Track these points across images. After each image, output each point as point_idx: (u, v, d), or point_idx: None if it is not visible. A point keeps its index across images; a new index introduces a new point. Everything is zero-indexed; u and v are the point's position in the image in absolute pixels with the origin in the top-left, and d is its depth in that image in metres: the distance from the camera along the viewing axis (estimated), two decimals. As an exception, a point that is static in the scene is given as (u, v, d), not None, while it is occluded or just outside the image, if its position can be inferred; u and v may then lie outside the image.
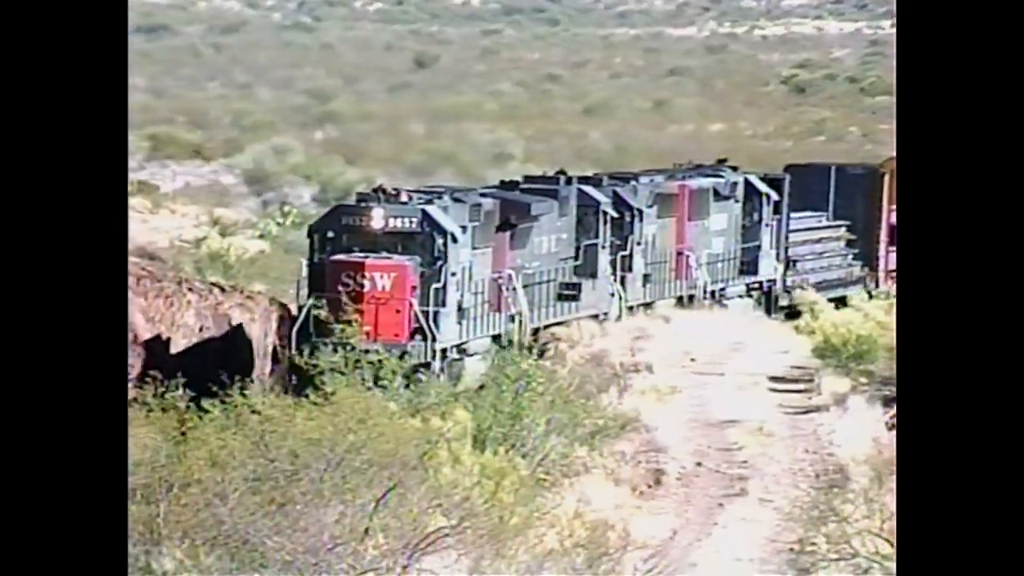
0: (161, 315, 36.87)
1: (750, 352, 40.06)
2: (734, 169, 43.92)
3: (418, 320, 27.87)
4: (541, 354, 35.97)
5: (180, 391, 26.22)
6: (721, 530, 27.00)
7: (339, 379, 29.16)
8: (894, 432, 32.15)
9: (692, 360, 39.06)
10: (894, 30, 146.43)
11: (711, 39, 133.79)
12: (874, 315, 42.22)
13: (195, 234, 55.66)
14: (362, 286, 28.71)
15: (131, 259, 37.29)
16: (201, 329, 36.68)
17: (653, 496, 29.16)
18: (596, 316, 35.70)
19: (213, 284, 38.94)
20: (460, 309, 28.94)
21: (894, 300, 47.45)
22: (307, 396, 26.57)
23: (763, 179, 43.31)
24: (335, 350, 29.12)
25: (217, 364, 32.50)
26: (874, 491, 26.48)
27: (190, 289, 37.79)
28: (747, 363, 39.04)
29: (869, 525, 23.94)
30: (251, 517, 16.75)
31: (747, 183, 42.25)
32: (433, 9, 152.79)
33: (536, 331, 38.68)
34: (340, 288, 29.07)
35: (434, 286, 28.68)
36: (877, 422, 33.74)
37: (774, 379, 37.85)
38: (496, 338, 32.54)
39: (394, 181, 45.89)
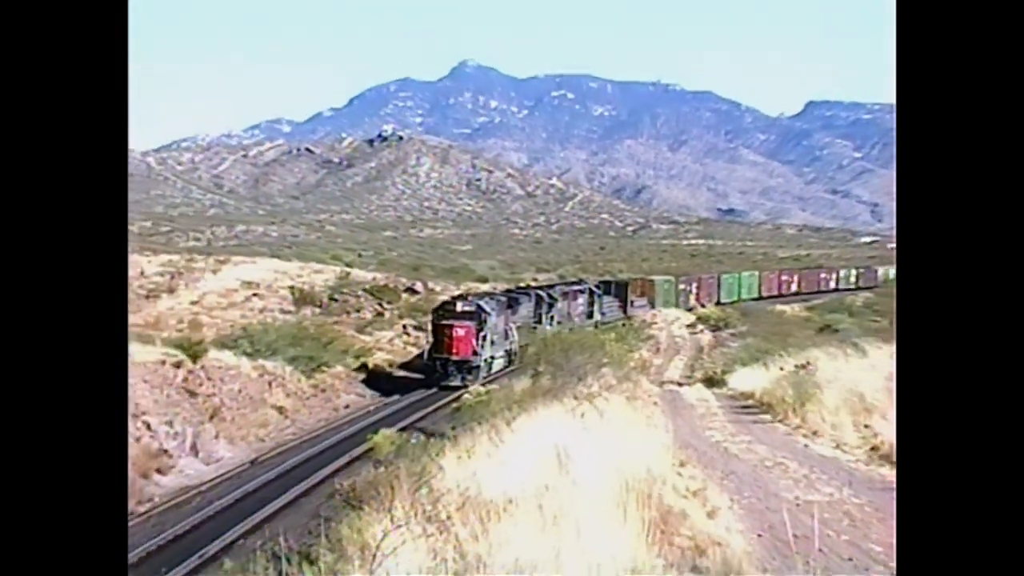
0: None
1: (681, 320, 37.75)
2: (586, 282, 35.42)
3: (474, 349, 21.74)
4: (628, 319, 34.89)
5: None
6: (675, 363, 26.05)
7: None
8: (714, 338, 32.30)
9: (666, 320, 37.19)
10: (721, 241, 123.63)
11: (679, 243, 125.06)
12: (708, 310, 39.31)
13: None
14: (451, 334, 21.89)
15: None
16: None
17: (657, 354, 27.95)
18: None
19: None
20: (492, 343, 22.59)
21: (715, 304, 42.17)
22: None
23: (595, 285, 34.79)
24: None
25: None
26: (705, 352, 28.83)
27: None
28: (681, 322, 37.21)
29: (709, 360, 25.74)
30: (557, 358, 15.02)
31: (590, 287, 33.51)
32: (605, 233, 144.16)
33: (628, 316, 35.15)
34: (444, 335, 22.14)
35: (481, 333, 22.10)
36: (710, 336, 32.99)
37: (687, 325, 36.20)
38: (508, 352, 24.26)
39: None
